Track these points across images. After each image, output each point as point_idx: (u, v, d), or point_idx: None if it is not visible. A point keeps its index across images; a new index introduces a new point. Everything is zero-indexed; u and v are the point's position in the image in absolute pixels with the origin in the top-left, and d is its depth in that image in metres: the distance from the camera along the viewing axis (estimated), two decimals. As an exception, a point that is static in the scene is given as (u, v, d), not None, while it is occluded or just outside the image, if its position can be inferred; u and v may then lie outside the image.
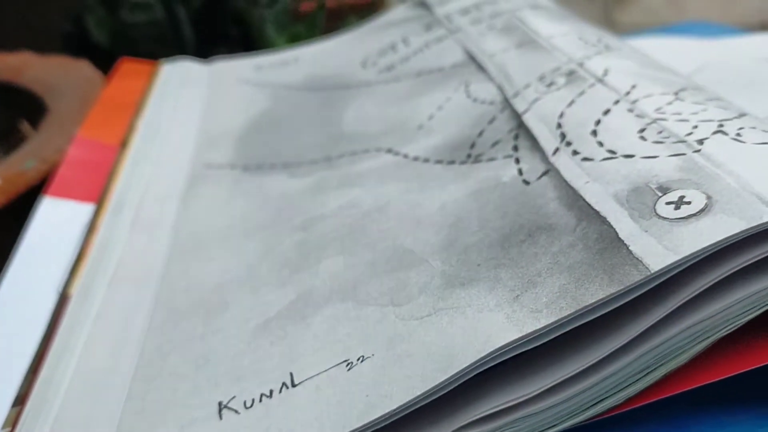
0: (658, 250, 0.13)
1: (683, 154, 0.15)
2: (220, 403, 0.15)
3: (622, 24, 1.62)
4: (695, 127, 0.16)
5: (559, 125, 0.18)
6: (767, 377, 0.14)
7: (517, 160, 0.18)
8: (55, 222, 0.24)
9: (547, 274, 0.14)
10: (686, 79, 0.19)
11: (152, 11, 0.49)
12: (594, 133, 0.17)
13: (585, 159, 0.16)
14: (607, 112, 0.18)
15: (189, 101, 0.32)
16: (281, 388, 0.15)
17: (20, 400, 0.17)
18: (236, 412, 0.15)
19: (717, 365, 0.13)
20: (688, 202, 0.13)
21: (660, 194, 0.14)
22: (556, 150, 0.17)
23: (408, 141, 0.22)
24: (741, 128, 0.15)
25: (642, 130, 0.16)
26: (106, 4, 0.52)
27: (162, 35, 0.50)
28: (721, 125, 0.16)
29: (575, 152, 0.17)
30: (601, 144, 0.16)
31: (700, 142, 0.15)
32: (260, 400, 0.15)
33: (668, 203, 0.14)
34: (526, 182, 0.17)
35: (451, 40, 0.28)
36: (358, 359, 0.14)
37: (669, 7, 1.59)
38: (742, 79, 0.31)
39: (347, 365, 0.14)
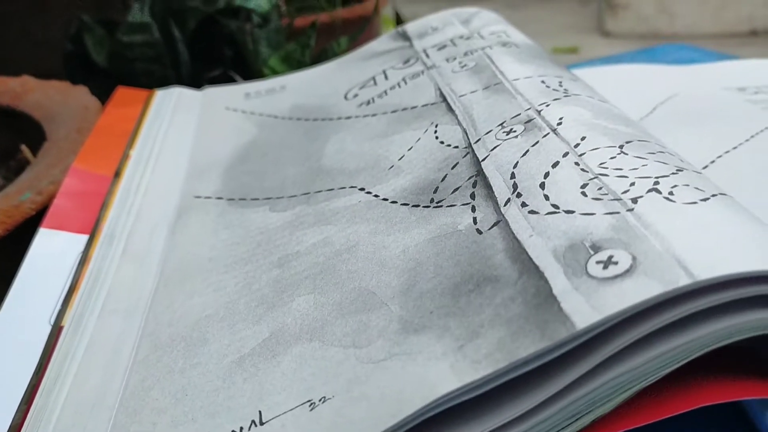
0: (585, 309, 0.14)
1: (617, 213, 0.16)
2: (195, 438, 0.16)
3: (614, 32, 1.63)
4: (632, 184, 0.17)
5: (513, 175, 0.19)
6: (691, 421, 0.15)
7: (473, 209, 0.19)
8: (50, 253, 0.25)
9: (489, 326, 0.15)
10: (635, 128, 0.21)
11: (149, 32, 0.51)
12: (542, 185, 0.18)
13: (532, 212, 0.17)
14: (555, 164, 0.19)
15: (180, 130, 0.33)
16: (250, 426, 0.16)
17: (14, 430, 0.18)
18: (209, 447, 0.16)
19: (643, 411, 0.14)
20: (616, 263, 0.14)
21: (592, 252, 0.15)
22: (508, 201, 0.18)
23: (379, 181, 0.24)
24: (674, 186, 0.17)
25: (584, 186, 0.17)
26: (104, 25, 0.53)
27: (158, 55, 0.51)
28: (657, 182, 0.17)
29: (524, 204, 0.18)
30: (547, 197, 0.18)
31: (635, 200, 0.16)
32: (231, 437, 0.16)
33: (598, 262, 0.15)
34: (479, 231, 0.18)
35: (426, 76, 0.29)
36: (320, 400, 0.16)
37: (660, 16, 1.60)
38: (707, 110, 0.32)
39: (310, 405, 0.16)
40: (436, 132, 0.24)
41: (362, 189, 0.24)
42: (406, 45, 0.34)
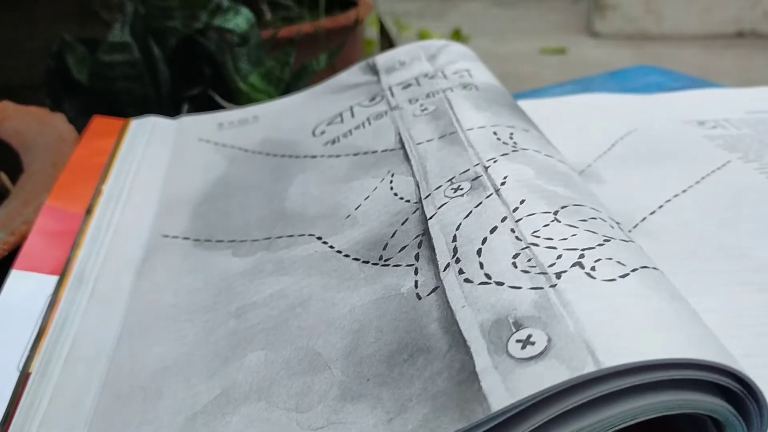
0: (500, 390, 0.15)
1: (541, 289, 0.17)
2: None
3: (602, 32, 1.64)
4: (559, 257, 0.18)
5: (455, 238, 0.20)
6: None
7: (416, 271, 0.20)
8: (21, 296, 0.26)
9: (417, 401, 0.16)
10: (574, 190, 0.22)
11: (129, 52, 0.51)
12: (479, 252, 0.19)
13: (467, 280, 0.18)
14: (494, 230, 0.20)
15: (153, 163, 0.34)
16: (196, 488, 0.17)
17: (-21, 482, 0.19)
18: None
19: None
20: (533, 343, 0.15)
21: (514, 330, 0.16)
22: (447, 266, 0.19)
23: (336, 230, 0.25)
24: (598, 260, 0.18)
25: (516, 256, 0.18)
26: (85, 43, 0.54)
27: (139, 75, 0.52)
28: (582, 255, 0.18)
29: (461, 271, 0.19)
30: (481, 266, 0.19)
31: (558, 275, 0.17)
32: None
33: (518, 341, 0.16)
34: (419, 297, 0.19)
35: (388, 118, 0.30)
36: (262, 464, 0.17)
37: (647, 16, 1.61)
38: (664, 147, 0.33)
39: (252, 469, 0.17)
40: (392, 182, 0.25)
41: (319, 238, 0.25)
42: (374, 80, 0.35)
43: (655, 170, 0.31)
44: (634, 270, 0.17)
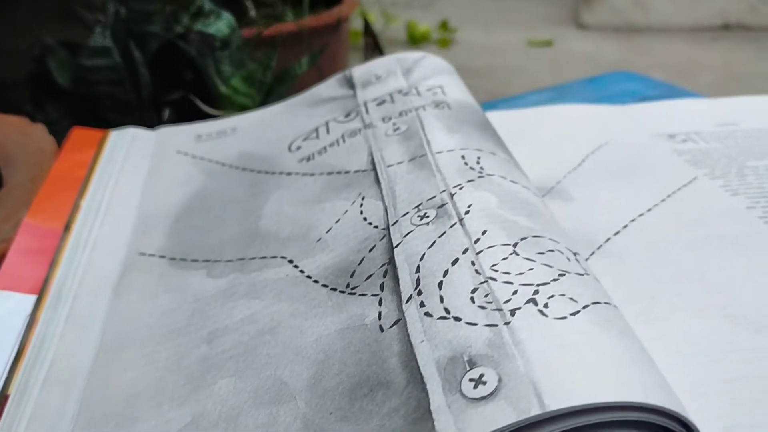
0: (451, 431, 0.15)
1: (495, 326, 0.18)
2: None
3: (589, 24, 1.64)
4: (515, 292, 0.19)
5: (418, 269, 0.21)
6: None
7: (381, 302, 0.21)
8: (1, 317, 0.27)
9: (374, 437, 0.17)
10: (535, 219, 0.22)
11: (110, 56, 0.51)
12: (440, 285, 0.20)
13: (427, 314, 0.19)
14: (455, 262, 0.20)
15: (131, 177, 0.35)
16: None
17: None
18: None
19: None
20: (485, 382, 0.16)
21: (468, 368, 0.17)
22: (410, 298, 0.20)
23: (307, 254, 0.25)
24: (551, 296, 0.18)
25: (474, 290, 0.19)
26: (67, 47, 0.54)
27: (120, 79, 0.52)
28: (537, 291, 0.18)
29: (422, 304, 0.20)
30: (441, 299, 0.19)
31: (513, 312, 0.18)
32: None
33: (471, 380, 0.16)
34: (381, 329, 0.20)
35: (362, 136, 0.31)
36: (227, 495, 0.17)
37: (635, 8, 1.61)
38: (634, 163, 0.34)
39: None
40: (362, 205, 0.26)
41: (291, 261, 0.25)
42: (350, 94, 0.36)
43: (622, 187, 0.31)
44: (585, 306, 0.18)
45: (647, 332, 0.22)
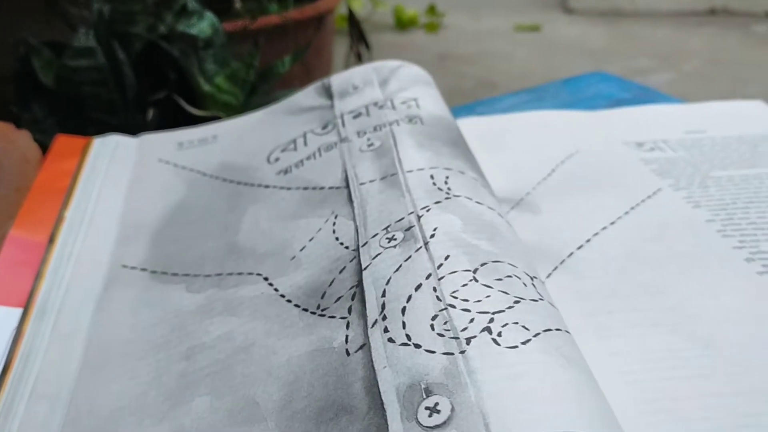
0: (406, 458, 0.17)
1: (452, 354, 0.19)
2: None
3: (577, 9, 1.64)
4: (472, 320, 0.20)
5: (384, 293, 0.22)
6: None
7: (348, 325, 0.22)
8: (-14, 330, 0.27)
9: (336, 461, 0.18)
10: (496, 243, 0.23)
11: (94, 57, 0.52)
12: (403, 311, 0.21)
13: (390, 340, 0.20)
14: (418, 287, 0.21)
15: (114, 186, 0.36)
16: None
17: None
18: None
19: None
20: (439, 411, 0.17)
21: (424, 397, 0.18)
22: (375, 323, 0.21)
23: (281, 272, 0.26)
24: (505, 324, 0.19)
25: (434, 317, 0.20)
26: (51, 46, 0.54)
27: (104, 79, 0.53)
28: (492, 320, 0.20)
29: (386, 329, 0.21)
30: (404, 325, 0.20)
31: (468, 341, 0.19)
32: None
33: (426, 408, 0.18)
34: (348, 353, 0.21)
35: (337, 151, 0.32)
36: None
37: (621, -7, 1.61)
38: (602, 173, 0.35)
39: None
40: (335, 224, 0.27)
41: (266, 279, 0.26)
42: (328, 105, 0.36)
43: (589, 199, 0.33)
44: (536, 335, 0.19)
45: (604, 348, 0.24)
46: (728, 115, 0.42)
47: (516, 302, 0.20)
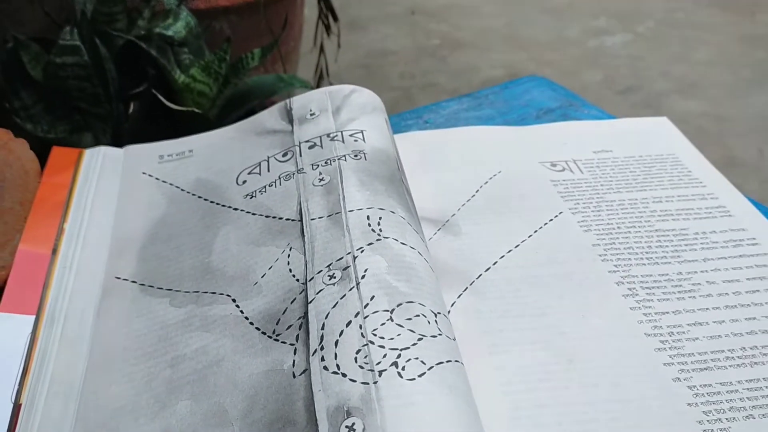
0: (330, 464, 0.23)
1: (368, 384, 0.25)
2: None
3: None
4: (384, 356, 0.26)
5: (323, 326, 0.28)
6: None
7: (295, 351, 0.28)
8: (7, 336, 0.33)
9: (282, 463, 0.24)
10: (413, 284, 0.29)
11: (79, 54, 0.56)
12: (336, 343, 0.27)
13: (325, 368, 0.27)
14: (349, 323, 0.28)
15: (105, 198, 0.41)
16: None
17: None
18: None
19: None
20: (355, 430, 0.24)
21: (345, 417, 0.24)
22: (315, 351, 0.28)
23: (246, 296, 0.32)
24: (408, 360, 0.26)
25: (358, 351, 0.27)
26: (39, 42, 0.58)
27: (88, 75, 0.57)
28: (399, 356, 0.26)
29: (323, 358, 0.27)
30: (336, 356, 0.27)
31: (380, 373, 0.25)
32: None
33: (346, 427, 0.24)
34: (294, 375, 0.27)
35: (294, 182, 0.37)
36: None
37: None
38: (518, 195, 0.41)
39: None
40: (289, 256, 0.33)
41: (234, 300, 0.32)
42: (288, 130, 0.42)
43: (502, 222, 0.39)
44: (431, 368, 0.26)
45: (492, 363, 0.30)
46: (634, 134, 0.47)
47: (419, 339, 0.27)
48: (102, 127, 0.58)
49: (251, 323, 0.31)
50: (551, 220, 0.39)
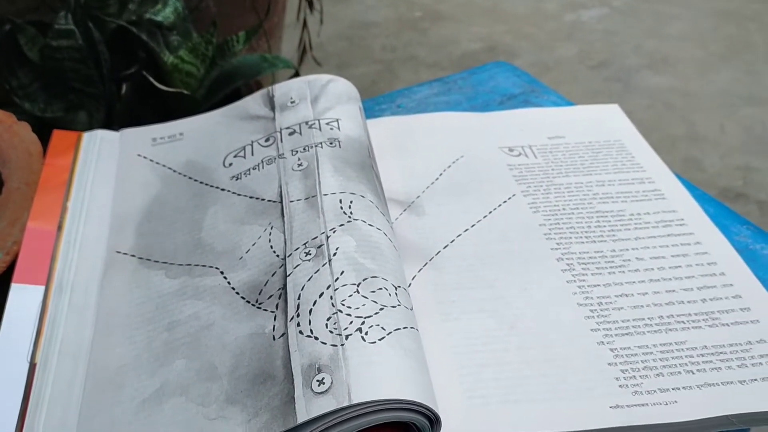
0: (303, 411, 0.28)
1: (335, 346, 0.30)
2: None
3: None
4: (351, 323, 0.31)
5: (299, 296, 0.33)
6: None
7: (275, 317, 0.33)
8: (22, 304, 0.38)
9: (263, 410, 0.29)
10: (378, 261, 0.34)
11: (73, 38, 0.59)
12: (310, 311, 0.32)
13: (300, 332, 0.31)
14: (321, 295, 0.32)
15: (103, 178, 0.45)
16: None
17: (17, 438, 0.32)
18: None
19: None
20: (324, 383, 0.29)
21: (317, 373, 0.29)
22: (292, 318, 0.32)
23: (233, 269, 0.37)
24: (371, 326, 0.30)
25: (329, 319, 0.31)
26: (35, 25, 0.61)
27: (83, 58, 0.60)
28: (363, 322, 0.31)
29: (298, 324, 0.32)
30: (310, 323, 0.31)
31: (347, 337, 0.30)
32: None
33: (317, 380, 0.29)
34: (274, 338, 0.32)
35: (275, 166, 0.41)
36: (183, 437, 0.30)
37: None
38: (477, 178, 0.45)
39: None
40: (270, 234, 0.37)
41: (222, 272, 0.37)
42: (271, 117, 0.46)
43: (462, 203, 0.43)
44: (389, 333, 0.30)
45: (444, 329, 0.35)
46: (587, 121, 0.52)
47: (381, 309, 0.31)
48: (96, 106, 0.62)
49: (237, 293, 0.35)
50: (504, 202, 0.43)
